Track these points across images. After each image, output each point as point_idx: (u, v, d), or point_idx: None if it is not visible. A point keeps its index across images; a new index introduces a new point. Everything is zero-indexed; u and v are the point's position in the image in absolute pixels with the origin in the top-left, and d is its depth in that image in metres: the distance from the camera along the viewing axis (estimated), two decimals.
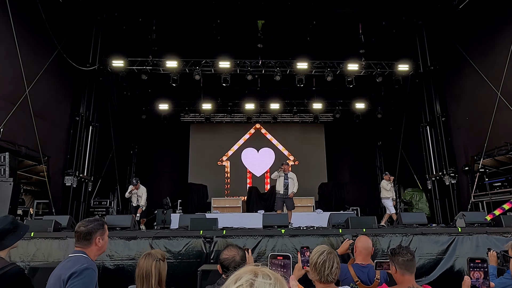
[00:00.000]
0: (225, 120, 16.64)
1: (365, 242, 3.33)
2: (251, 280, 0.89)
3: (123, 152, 14.64)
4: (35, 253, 5.04)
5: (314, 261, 2.34)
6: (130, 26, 11.83)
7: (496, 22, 9.12)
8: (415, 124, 12.49)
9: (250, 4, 11.38)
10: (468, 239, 5.32)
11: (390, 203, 9.79)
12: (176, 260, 5.01)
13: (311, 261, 2.37)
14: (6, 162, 7.31)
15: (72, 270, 2.11)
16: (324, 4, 11.38)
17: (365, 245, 3.30)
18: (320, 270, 2.29)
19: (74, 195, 10.20)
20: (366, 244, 3.31)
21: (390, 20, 11.93)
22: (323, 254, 2.33)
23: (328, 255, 2.33)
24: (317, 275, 2.31)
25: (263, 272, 0.92)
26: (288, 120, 16.89)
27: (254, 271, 0.92)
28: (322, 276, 2.29)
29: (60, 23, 10.00)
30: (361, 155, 16.63)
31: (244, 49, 12.50)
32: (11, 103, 8.00)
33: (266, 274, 0.91)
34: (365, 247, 3.29)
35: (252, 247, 5.09)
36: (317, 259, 2.33)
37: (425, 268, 5.12)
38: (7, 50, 7.97)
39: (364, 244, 3.31)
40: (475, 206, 9.69)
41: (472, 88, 10.09)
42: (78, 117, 10.78)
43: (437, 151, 11.32)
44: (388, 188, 9.88)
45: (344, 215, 7.40)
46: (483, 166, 9.40)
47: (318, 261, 2.32)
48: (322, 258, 2.31)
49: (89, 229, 2.35)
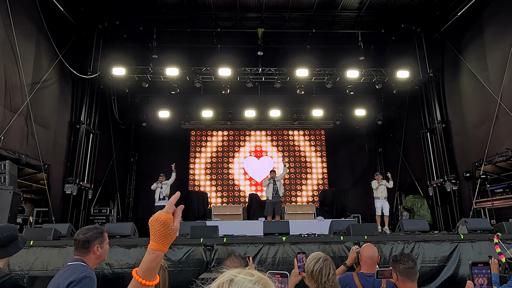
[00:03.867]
0: (225, 127, 16.65)
1: (370, 251, 3.25)
2: (231, 277, 0.88)
3: (123, 160, 14.63)
4: (34, 262, 5.01)
5: (311, 269, 2.32)
6: (131, 35, 11.91)
7: (495, 28, 9.17)
8: (416, 131, 12.49)
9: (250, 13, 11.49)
10: (470, 246, 5.28)
11: (377, 204, 9.95)
12: (176, 268, 4.98)
13: (308, 269, 2.35)
14: (6, 170, 7.30)
15: (70, 278, 2.08)
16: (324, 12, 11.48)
17: (371, 254, 3.22)
18: (317, 278, 2.28)
19: (74, 203, 10.16)
20: (371, 253, 3.23)
21: (388, 27, 12.01)
22: (320, 261, 2.32)
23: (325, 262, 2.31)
24: (314, 283, 2.30)
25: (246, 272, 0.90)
26: (288, 127, 16.90)
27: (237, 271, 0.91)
28: (319, 283, 2.27)
29: (62, 31, 10.08)
30: (362, 162, 16.61)
31: (244, 57, 12.57)
32: (11, 111, 8.02)
33: (249, 273, 0.90)
34: (370, 257, 3.21)
35: (253, 255, 5.06)
36: (314, 266, 2.31)
37: (427, 276, 5.08)
38: (8, 58, 8.01)
39: (370, 253, 3.23)
40: (477, 213, 9.64)
41: (472, 94, 10.10)
42: (79, 125, 10.78)
43: (437, 157, 11.30)
44: (375, 187, 9.95)
45: (345, 222, 7.36)
46: (484, 172, 9.37)
47: (314, 268, 2.30)
48: (319, 266, 2.30)
49: (87, 237, 2.32)
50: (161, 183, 9.84)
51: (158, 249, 1.12)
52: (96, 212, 11.98)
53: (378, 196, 9.97)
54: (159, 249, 1.13)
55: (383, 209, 9.89)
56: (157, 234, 1.13)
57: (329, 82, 12.19)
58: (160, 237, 1.13)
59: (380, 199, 9.94)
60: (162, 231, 1.13)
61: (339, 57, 12.69)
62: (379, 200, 9.95)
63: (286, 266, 5.07)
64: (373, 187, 10.05)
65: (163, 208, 1.21)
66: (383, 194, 9.96)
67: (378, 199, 9.97)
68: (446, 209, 10.79)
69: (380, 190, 9.97)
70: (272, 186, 9.39)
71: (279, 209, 9.27)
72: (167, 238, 1.14)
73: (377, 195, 10.02)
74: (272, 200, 9.30)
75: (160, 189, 9.70)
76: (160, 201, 9.61)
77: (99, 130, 11.69)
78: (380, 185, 10.01)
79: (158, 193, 9.71)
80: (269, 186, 9.44)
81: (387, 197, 10.05)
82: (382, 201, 9.94)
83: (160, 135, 15.90)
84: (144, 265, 1.13)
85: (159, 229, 1.13)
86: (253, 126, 16.43)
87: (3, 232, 2.41)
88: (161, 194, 9.67)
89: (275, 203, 9.26)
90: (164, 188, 9.80)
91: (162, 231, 1.13)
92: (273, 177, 9.51)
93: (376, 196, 10.04)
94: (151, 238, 1.15)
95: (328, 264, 2.31)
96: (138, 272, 1.13)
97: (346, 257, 5.10)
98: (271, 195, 9.34)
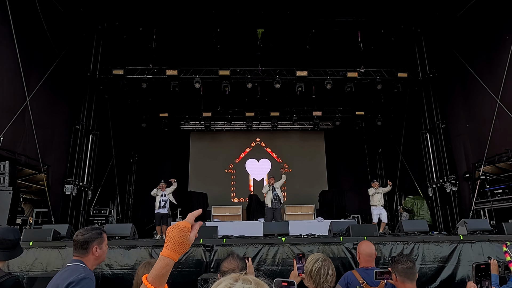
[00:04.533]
0: (225, 128, 16.66)
1: (367, 248, 3.32)
2: (229, 285, 0.88)
3: (123, 161, 14.63)
4: (33, 263, 5.00)
5: (309, 269, 2.35)
6: (130, 35, 11.90)
7: (495, 29, 9.17)
8: (415, 131, 12.50)
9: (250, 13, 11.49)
10: (470, 247, 5.28)
11: (374, 211, 9.77)
12: (175, 269, 4.97)
13: (306, 269, 2.38)
14: (5, 171, 7.30)
15: (69, 279, 2.08)
16: (324, 12, 11.48)
17: (368, 251, 3.29)
18: (315, 278, 2.31)
19: (74, 204, 10.15)
20: (369, 250, 3.30)
21: (388, 28, 12.01)
22: (318, 262, 2.34)
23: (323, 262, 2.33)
24: (312, 283, 2.33)
25: (244, 278, 0.91)
26: (288, 127, 16.90)
27: (235, 278, 0.91)
28: (318, 284, 2.30)
29: (61, 32, 10.07)
30: (362, 163, 16.62)
31: (244, 57, 12.56)
32: (11, 111, 8.02)
33: (247, 279, 0.90)
34: (368, 254, 3.28)
35: (252, 256, 5.05)
36: (312, 266, 2.34)
37: (427, 277, 5.07)
38: (8, 59, 8.01)
39: (367, 250, 3.30)
40: (476, 214, 9.65)
41: (472, 95, 10.11)
42: (78, 126, 10.78)
43: (437, 158, 11.30)
44: (371, 193, 9.85)
45: (345, 223, 7.35)
46: (484, 173, 9.37)
47: (313, 268, 2.33)
48: (317, 266, 2.32)
49: (86, 238, 2.32)
50: (162, 191, 9.74)
51: (169, 256, 1.14)
52: (95, 213, 11.98)
53: (375, 204, 9.77)
54: (170, 256, 1.15)
55: (381, 217, 9.67)
56: (172, 240, 1.15)
57: (329, 83, 12.20)
58: (174, 244, 1.15)
59: (377, 207, 9.74)
60: (177, 238, 1.15)
61: (338, 58, 12.70)
62: (376, 208, 9.75)
63: (286, 267, 5.07)
64: (370, 193, 9.90)
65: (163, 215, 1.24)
66: (380, 202, 9.76)
67: (375, 207, 9.76)
68: (446, 210, 10.80)
69: (376, 197, 9.77)
70: (271, 193, 9.41)
71: (278, 215, 9.27)
72: (181, 246, 1.16)
73: (373, 203, 9.81)
74: (271, 207, 9.30)
75: (161, 197, 9.60)
76: (160, 208, 9.50)
77: (99, 131, 11.69)
78: (377, 193, 9.81)
79: (158, 201, 9.60)
80: (268, 193, 9.45)
81: (383, 204, 9.90)
82: (379, 208, 9.74)
83: (159, 136, 15.91)
84: (154, 271, 1.15)
85: (175, 236, 1.16)
86: (252, 127, 16.45)
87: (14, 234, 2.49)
88: (161, 202, 9.56)
89: (274, 209, 9.27)
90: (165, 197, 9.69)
91: (178, 238, 1.15)
92: (272, 184, 9.51)
93: (372, 204, 9.83)
94: (165, 245, 1.17)
95: (326, 264, 2.32)
96: (148, 278, 1.15)
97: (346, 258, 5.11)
98: (270, 202, 9.35)
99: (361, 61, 12.24)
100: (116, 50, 12.12)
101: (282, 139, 16.87)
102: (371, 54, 12.49)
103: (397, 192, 14.32)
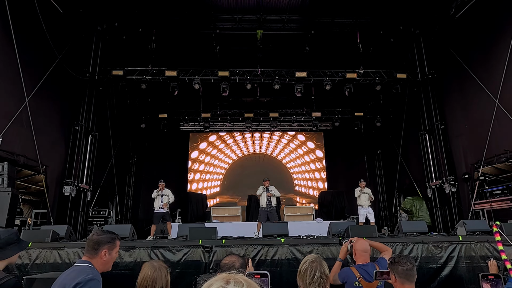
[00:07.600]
0: (224, 129, 16.66)
1: (363, 244, 3.51)
2: (221, 287, 0.87)
3: (122, 162, 14.60)
4: (32, 264, 4.99)
5: (299, 269, 2.45)
6: (130, 36, 11.90)
7: (493, 30, 9.19)
8: (414, 132, 12.50)
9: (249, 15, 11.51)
10: (469, 248, 5.28)
11: (360, 211, 9.86)
12: (175, 270, 4.96)
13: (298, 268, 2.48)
14: (4, 172, 7.29)
15: (76, 280, 2.08)
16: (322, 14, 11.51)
17: (364, 248, 3.48)
18: (303, 278, 2.39)
19: (73, 205, 10.12)
20: (364, 246, 3.49)
21: (387, 29, 12.04)
22: (306, 263, 2.43)
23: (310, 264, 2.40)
24: (302, 282, 2.40)
25: (235, 279, 0.89)
26: (287, 128, 16.91)
27: (226, 278, 0.90)
28: (305, 284, 2.37)
29: (60, 33, 10.06)
30: (361, 164, 16.62)
31: (243, 59, 12.58)
32: (10, 112, 8.00)
33: (239, 281, 0.89)
34: (364, 250, 3.46)
35: (251, 257, 5.05)
36: (301, 267, 2.44)
37: (425, 278, 5.07)
38: (7, 59, 8.01)
39: (363, 246, 3.48)
40: (475, 214, 9.65)
41: (471, 96, 10.12)
42: (77, 127, 10.76)
43: (436, 159, 11.30)
44: (357, 195, 9.93)
45: (344, 223, 7.36)
46: (483, 174, 9.38)
47: (301, 269, 2.43)
48: (305, 267, 2.42)
49: (99, 239, 2.33)
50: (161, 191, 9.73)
51: None
52: (94, 214, 11.95)
53: (362, 204, 9.86)
54: None
55: (369, 217, 9.73)
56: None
57: (328, 84, 12.21)
58: None
59: (364, 207, 9.82)
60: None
61: (338, 59, 12.71)
62: (363, 208, 9.83)
63: (285, 268, 5.07)
64: (356, 195, 9.98)
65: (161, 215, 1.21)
66: (367, 203, 9.84)
67: (362, 207, 9.85)
68: (445, 210, 10.80)
69: (363, 198, 9.86)
70: (265, 195, 9.54)
71: (272, 216, 9.35)
72: None
73: (360, 203, 9.91)
74: (265, 208, 9.44)
75: (161, 197, 9.61)
76: (160, 209, 9.52)
77: (98, 132, 11.67)
78: (363, 193, 9.89)
79: (157, 202, 9.64)
80: (262, 195, 9.58)
81: (370, 205, 9.94)
82: (366, 209, 9.82)
83: (159, 137, 15.90)
84: None
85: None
86: (252, 128, 16.45)
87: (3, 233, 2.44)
88: (160, 203, 9.57)
89: (268, 211, 9.41)
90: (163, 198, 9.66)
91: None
92: (267, 186, 9.63)
93: (359, 204, 9.93)
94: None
95: (314, 266, 2.38)
96: None
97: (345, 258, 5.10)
98: (264, 203, 9.48)
99: (360, 62, 12.25)
100: (116, 51, 12.12)
101: (281, 140, 16.86)
102: (370, 55, 12.51)
103: (396, 193, 14.32)
